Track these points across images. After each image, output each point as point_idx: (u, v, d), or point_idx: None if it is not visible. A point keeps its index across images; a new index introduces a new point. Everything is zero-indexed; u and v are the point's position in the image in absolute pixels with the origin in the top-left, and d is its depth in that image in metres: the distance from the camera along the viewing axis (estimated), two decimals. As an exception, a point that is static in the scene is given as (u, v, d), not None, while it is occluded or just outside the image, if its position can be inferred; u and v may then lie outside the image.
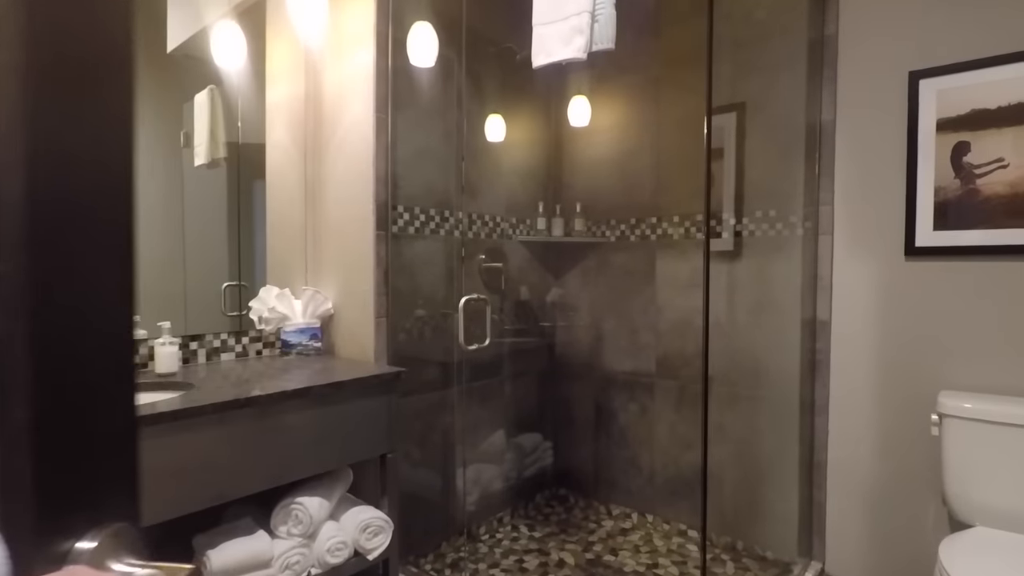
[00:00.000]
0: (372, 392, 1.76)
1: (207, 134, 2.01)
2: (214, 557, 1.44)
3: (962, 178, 1.79)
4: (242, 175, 2.07)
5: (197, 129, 1.98)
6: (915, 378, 1.89)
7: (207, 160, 2.01)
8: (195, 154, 1.98)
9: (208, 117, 2.02)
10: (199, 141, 2.00)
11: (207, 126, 2.02)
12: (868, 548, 2.01)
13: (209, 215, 2.01)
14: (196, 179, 1.97)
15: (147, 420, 1.27)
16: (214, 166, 2.02)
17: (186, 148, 1.96)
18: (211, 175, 2.01)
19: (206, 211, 2.00)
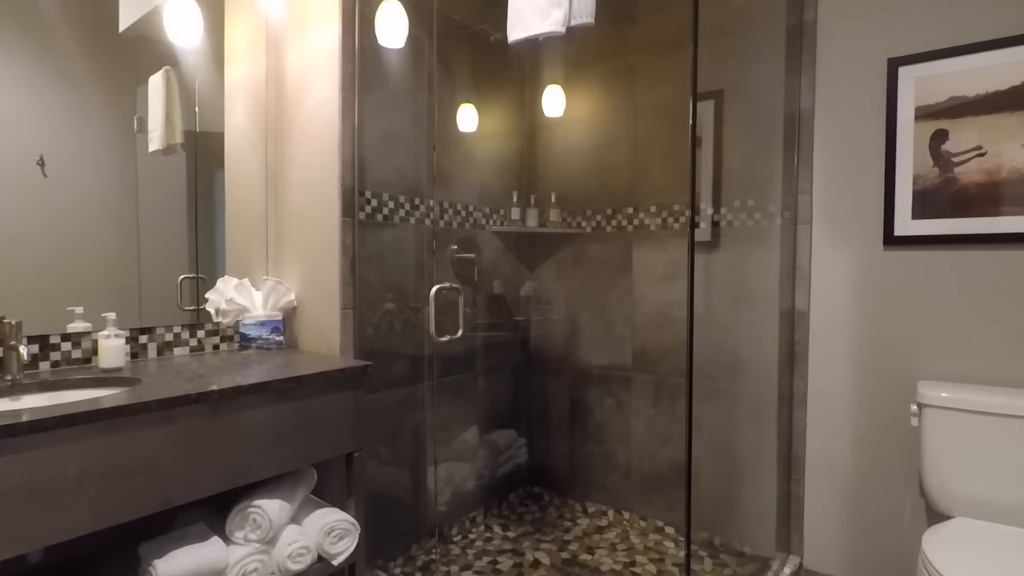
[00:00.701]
0: (337, 387, 1.65)
1: (162, 118, 1.88)
2: (161, 567, 1.32)
3: (940, 166, 1.77)
4: (200, 161, 1.94)
5: (152, 113, 1.86)
6: (893, 369, 1.87)
7: (162, 145, 1.88)
8: (149, 139, 1.86)
9: (163, 100, 1.89)
10: (154, 126, 1.88)
11: (162, 110, 1.89)
12: (846, 542, 1.98)
13: (165, 203, 1.88)
14: (151, 166, 1.84)
15: (85, 417, 1.15)
16: (170, 152, 1.90)
17: (140, 133, 1.83)
18: (167, 161, 1.88)
19: (161, 199, 1.88)
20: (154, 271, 1.85)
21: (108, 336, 1.59)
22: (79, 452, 1.16)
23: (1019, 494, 1.54)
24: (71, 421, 1.14)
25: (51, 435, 1.11)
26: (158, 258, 1.86)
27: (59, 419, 1.12)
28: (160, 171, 1.87)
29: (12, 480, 1.07)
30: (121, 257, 1.77)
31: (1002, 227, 1.68)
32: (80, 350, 1.65)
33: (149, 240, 1.83)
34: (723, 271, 2.19)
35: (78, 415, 1.15)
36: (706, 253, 2.22)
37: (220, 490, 1.39)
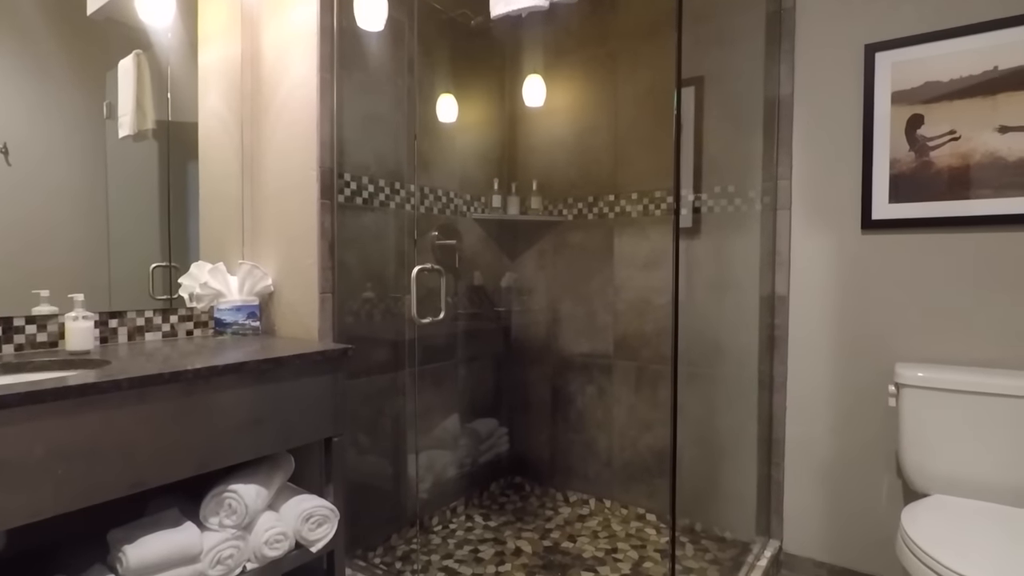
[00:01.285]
0: (316, 370, 1.62)
1: (133, 103, 1.83)
2: (131, 552, 1.27)
3: (916, 151, 1.80)
4: (172, 150, 1.89)
5: (122, 98, 1.81)
6: (871, 352, 1.90)
7: (133, 131, 1.83)
8: (120, 125, 1.80)
9: (134, 85, 1.84)
10: (124, 111, 1.83)
11: (133, 95, 1.84)
12: (825, 524, 2.00)
13: (135, 191, 1.83)
14: (121, 153, 1.78)
15: (51, 395, 1.11)
16: (141, 138, 1.84)
17: (109, 120, 1.78)
18: (138, 148, 1.83)
19: (132, 187, 1.82)
20: (124, 260, 1.79)
21: (76, 318, 1.54)
22: (45, 431, 1.11)
23: (992, 470, 1.56)
24: (37, 398, 1.09)
25: (15, 412, 1.07)
26: (128, 246, 1.80)
27: (23, 396, 1.07)
28: (131, 158, 1.82)
29: (-28, 458, 1.02)
30: (89, 246, 1.71)
31: (976, 210, 1.72)
32: (46, 333, 1.59)
33: (119, 228, 1.77)
34: (704, 257, 2.20)
35: (44, 392, 1.10)
36: (687, 239, 2.22)
37: (194, 473, 1.35)
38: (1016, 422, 1.54)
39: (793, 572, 2.06)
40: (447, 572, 1.97)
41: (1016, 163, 1.66)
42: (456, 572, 1.98)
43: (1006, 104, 1.67)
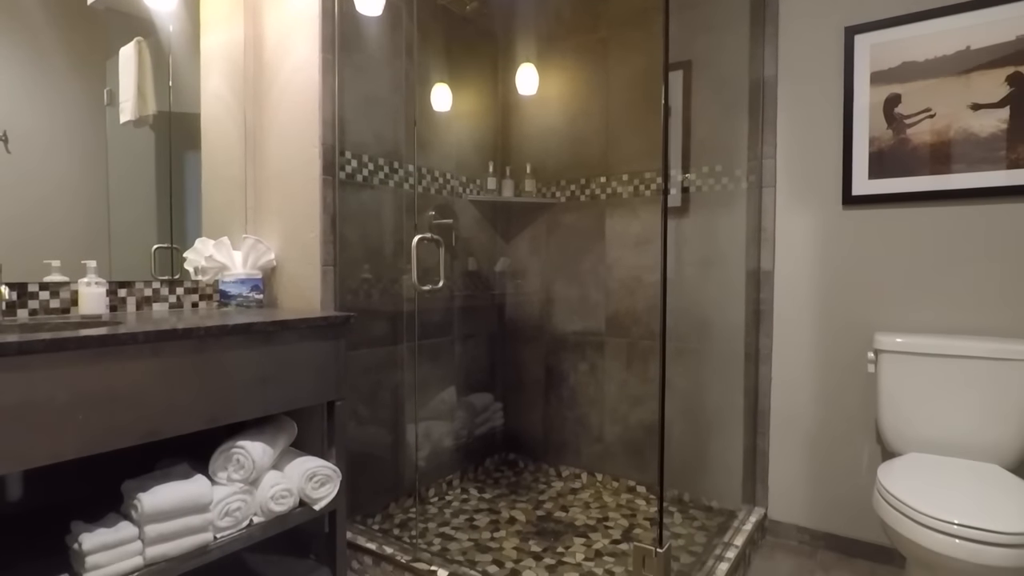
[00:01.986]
0: (320, 335, 1.68)
1: (134, 90, 1.88)
2: (145, 500, 1.33)
3: (894, 128, 1.88)
4: (173, 131, 1.94)
5: (123, 85, 1.85)
6: (852, 323, 1.98)
7: (135, 116, 1.87)
8: (121, 111, 1.84)
9: (135, 72, 1.89)
10: (125, 97, 1.88)
11: (134, 81, 1.89)
12: (808, 491, 2.08)
13: (136, 175, 1.87)
14: (122, 138, 1.83)
15: (74, 343, 1.17)
16: (142, 123, 1.89)
17: (110, 107, 1.83)
18: (139, 133, 1.88)
19: (133, 171, 1.86)
20: (125, 242, 1.83)
21: (89, 283, 1.60)
22: (67, 379, 1.17)
23: (964, 429, 1.65)
24: (60, 346, 1.16)
25: (40, 358, 1.13)
26: (130, 229, 1.84)
27: (48, 343, 1.14)
28: (132, 144, 1.85)
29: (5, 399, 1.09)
30: (90, 230, 1.74)
31: (950, 184, 1.80)
32: (58, 300, 1.65)
33: (120, 212, 1.82)
34: (692, 235, 2.28)
35: (67, 340, 1.17)
36: (676, 218, 2.30)
37: (205, 427, 1.42)
38: (985, 382, 1.62)
39: (777, 538, 2.14)
40: (444, 538, 2.04)
41: (988, 139, 1.75)
42: (452, 538, 2.04)
43: (978, 82, 1.75)
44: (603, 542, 2.02)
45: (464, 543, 2.00)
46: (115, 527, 1.31)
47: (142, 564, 1.33)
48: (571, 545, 1.99)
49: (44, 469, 1.48)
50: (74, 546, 1.28)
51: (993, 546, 1.21)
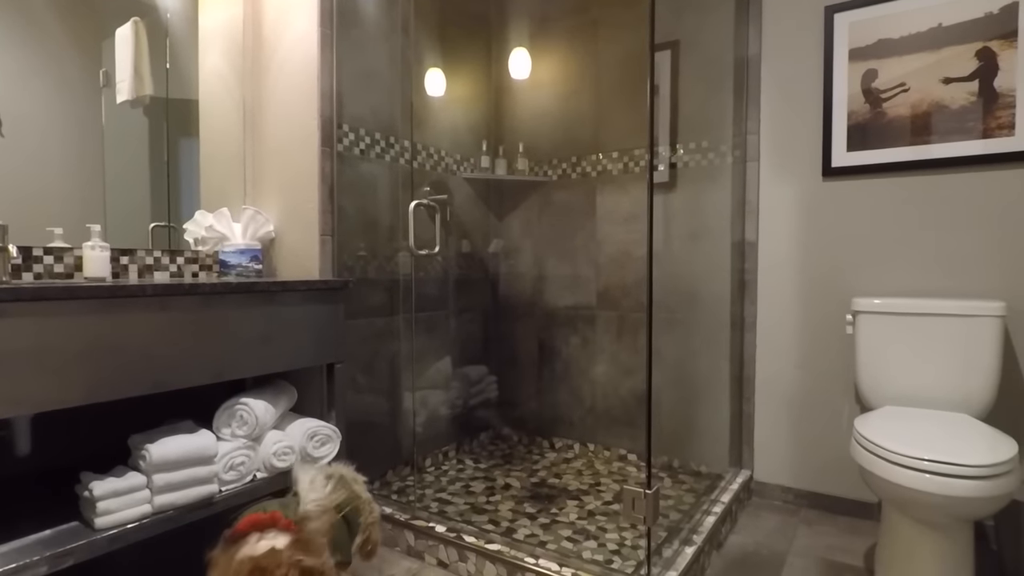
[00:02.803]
0: (320, 298, 1.73)
1: (131, 70, 1.90)
2: (153, 450, 1.38)
3: (871, 102, 1.97)
4: (171, 110, 1.97)
5: (119, 65, 1.87)
6: (832, 290, 2.06)
7: (131, 97, 1.89)
8: (117, 91, 1.86)
9: (132, 51, 1.92)
10: (122, 77, 1.90)
11: (131, 61, 1.91)
12: (792, 452, 2.16)
13: (134, 155, 1.88)
14: (119, 118, 1.84)
15: (86, 292, 1.22)
16: (139, 103, 1.91)
17: (106, 88, 1.86)
18: (136, 113, 1.89)
19: (130, 152, 1.87)
20: (123, 222, 1.84)
21: (93, 247, 1.63)
22: (79, 327, 1.21)
23: (934, 382, 1.73)
24: (72, 294, 1.20)
25: (53, 305, 1.17)
26: (127, 209, 1.85)
27: (61, 290, 1.18)
28: (129, 126, 1.86)
29: (17, 343, 1.13)
30: (87, 210, 1.75)
31: (924, 154, 1.89)
32: (62, 264, 1.68)
33: (117, 193, 1.83)
34: (680, 209, 2.35)
35: (79, 288, 1.21)
36: (664, 193, 2.37)
37: (210, 381, 1.46)
38: (955, 338, 1.71)
39: (763, 498, 2.22)
40: (440, 502, 2.09)
41: (958, 111, 1.83)
42: (449, 502, 2.10)
43: (949, 57, 1.84)
44: (595, 503, 2.08)
45: (461, 506, 2.05)
46: (124, 476, 1.36)
47: (151, 511, 1.37)
48: (564, 507, 2.06)
49: (53, 430, 1.52)
50: (84, 494, 1.32)
51: (961, 479, 1.29)
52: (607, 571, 1.50)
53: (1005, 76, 1.77)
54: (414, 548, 1.79)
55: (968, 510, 1.33)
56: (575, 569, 1.51)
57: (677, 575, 1.49)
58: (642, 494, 1.41)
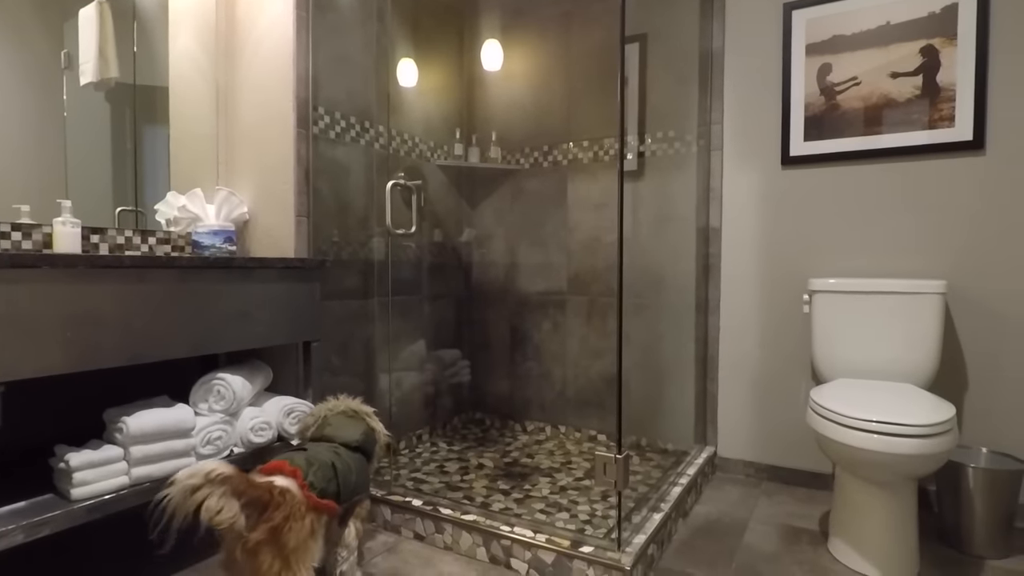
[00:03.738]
0: (296, 277, 1.75)
1: (95, 51, 1.85)
2: (131, 422, 1.38)
3: (826, 95, 2.08)
4: (139, 93, 1.93)
5: (83, 47, 1.83)
6: (790, 272, 2.17)
7: (96, 79, 1.85)
8: (81, 73, 1.81)
9: (96, 33, 1.88)
10: (86, 59, 1.86)
11: (95, 43, 1.88)
12: (753, 429, 2.26)
13: (96, 138, 1.84)
14: (82, 102, 1.80)
15: (63, 260, 1.22)
16: (104, 86, 1.88)
17: (68, 70, 1.82)
18: (101, 96, 1.85)
19: (93, 134, 1.83)
20: (87, 207, 1.79)
21: (64, 223, 1.62)
22: (56, 295, 1.21)
23: (883, 356, 1.85)
24: (49, 262, 1.20)
25: (30, 273, 1.17)
26: (91, 194, 1.81)
27: (38, 257, 1.18)
28: (92, 109, 1.83)
29: (-7, 308, 1.12)
30: (48, 196, 1.70)
31: (874, 144, 2.01)
32: (31, 241, 1.66)
33: (80, 178, 1.79)
34: (648, 196, 2.43)
35: (57, 257, 1.21)
36: (633, 181, 2.45)
37: (187, 355, 1.47)
38: (902, 315, 1.82)
39: (726, 473, 2.32)
40: (416, 481, 2.13)
41: (905, 103, 1.96)
42: (424, 480, 2.13)
43: (896, 53, 1.96)
44: (567, 480, 2.15)
45: (436, 484, 2.09)
46: (100, 449, 1.36)
47: (128, 483, 1.37)
48: (537, 483, 2.11)
49: (24, 409, 1.51)
50: (60, 465, 1.31)
51: (905, 437, 1.39)
52: (581, 536, 1.56)
53: (946, 72, 1.90)
54: (391, 523, 1.82)
55: (911, 467, 1.44)
56: (549, 535, 1.57)
57: (646, 537, 1.56)
58: (613, 459, 1.48)
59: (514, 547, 1.58)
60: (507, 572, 1.58)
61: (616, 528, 1.53)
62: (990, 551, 1.68)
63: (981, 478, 1.68)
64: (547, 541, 1.54)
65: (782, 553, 1.71)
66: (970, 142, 1.87)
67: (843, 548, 1.64)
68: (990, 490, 1.67)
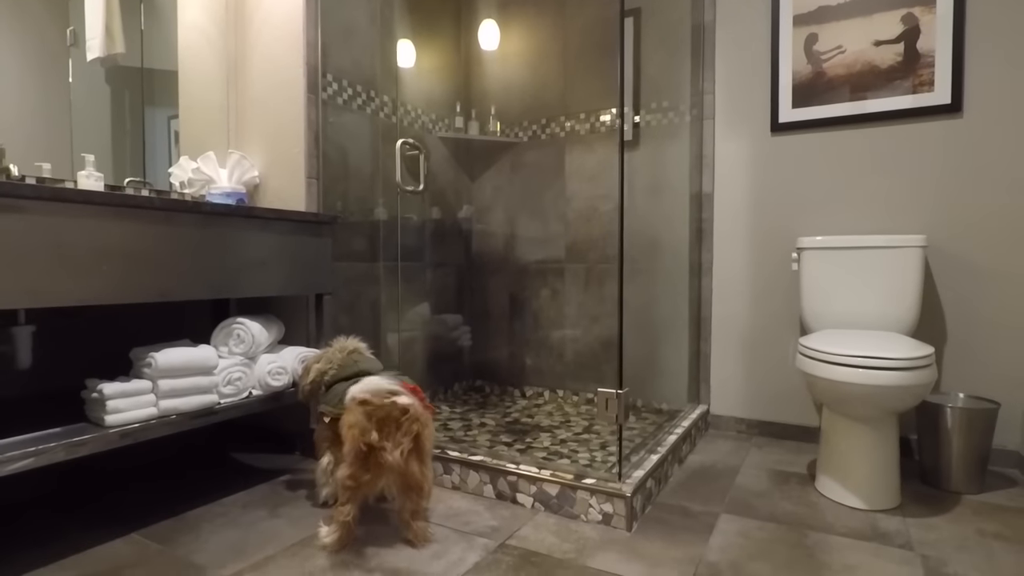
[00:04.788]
0: (311, 231, 1.83)
1: (102, 27, 1.89)
2: (159, 356, 1.46)
3: (812, 63, 2.18)
4: (147, 68, 1.98)
5: (89, 23, 1.87)
6: (779, 235, 2.27)
7: (103, 54, 1.90)
8: (88, 48, 1.86)
9: (103, 10, 1.94)
10: (92, 35, 1.91)
11: (102, 19, 1.93)
12: (744, 386, 2.37)
13: (104, 112, 1.88)
14: (88, 76, 1.85)
15: (100, 197, 1.29)
16: (110, 61, 1.92)
17: (74, 47, 1.87)
18: (105, 71, 1.90)
19: (100, 108, 1.87)
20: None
21: (88, 176, 1.69)
22: (93, 230, 1.29)
23: (868, 308, 1.95)
24: (87, 198, 1.27)
25: (70, 207, 1.24)
26: (100, 168, 1.83)
27: (77, 192, 1.25)
28: (98, 84, 1.87)
29: (37, 238, 1.20)
30: (61, 164, 1.74)
31: (858, 110, 2.11)
32: (55, 195, 1.73)
33: (85, 152, 1.80)
34: (642, 165, 2.53)
35: (95, 193, 1.28)
36: (629, 151, 2.55)
37: (209, 296, 1.54)
38: (885, 268, 1.93)
39: (718, 430, 2.42)
40: (421, 436, 2.21)
41: (887, 70, 2.07)
42: (429, 436, 2.21)
43: (880, 22, 2.07)
44: (567, 434, 2.24)
45: (440, 439, 2.17)
46: (131, 381, 1.43)
47: (156, 414, 1.45)
48: (537, 437, 2.20)
49: (53, 351, 1.58)
50: (93, 395, 1.39)
51: (887, 370, 1.50)
52: (583, 470, 1.65)
53: (926, 39, 2.00)
54: (400, 467, 1.90)
55: (894, 400, 1.54)
56: (553, 470, 1.66)
57: (645, 472, 1.65)
58: (615, 394, 1.57)
59: (520, 482, 1.67)
60: (513, 506, 1.67)
61: (617, 464, 1.62)
62: (967, 487, 1.79)
63: (959, 417, 1.78)
64: (551, 475, 1.63)
65: (772, 490, 1.80)
66: (948, 105, 1.98)
67: (829, 484, 1.74)
68: (967, 429, 1.78)
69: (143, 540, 1.45)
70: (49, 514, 1.60)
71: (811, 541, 1.47)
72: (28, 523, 1.54)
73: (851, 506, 1.68)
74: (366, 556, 1.37)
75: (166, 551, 1.40)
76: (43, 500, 1.69)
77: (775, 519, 1.60)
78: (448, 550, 1.41)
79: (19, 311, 1.49)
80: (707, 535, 1.50)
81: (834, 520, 1.59)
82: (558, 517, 1.60)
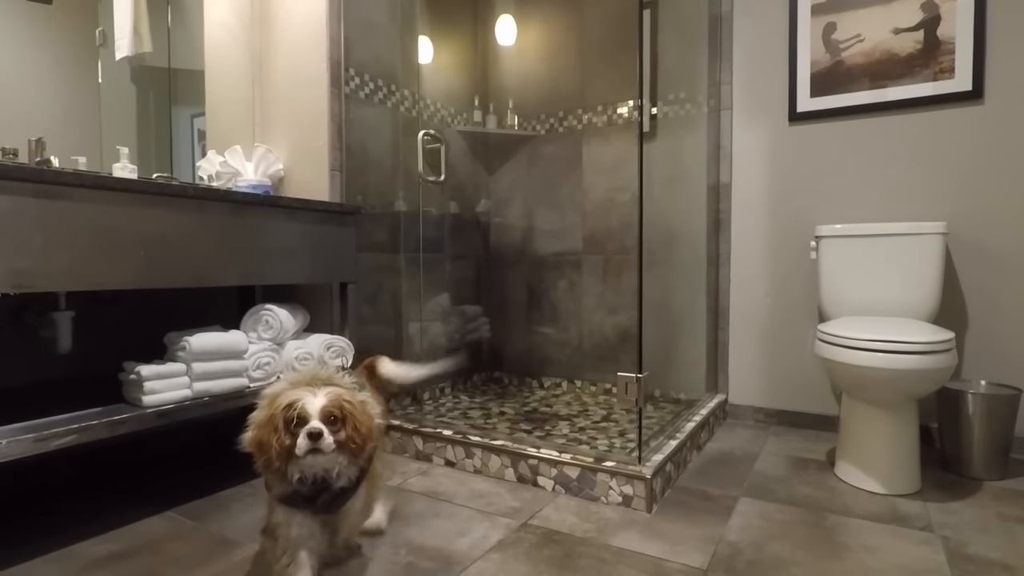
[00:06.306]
0: (336, 221, 1.87)
1: (130, 27, 1.95)
2: (193, 340, 1.51)
3: (831, 52, 2.18)
4: (174, 66, 2.03)
5: (118, 23, 1.92)
6: (797, 224, 2.28)
7: (131, 53, 1.95)
8: (116, 48, 1.92)
9: (131, 11, 2.00)
10: (121, 35, 1.97)
11: (130, 19, 1.99)
12: (763, 375, 2.37)
13: (131, 110, 1.93)
14: (116, 75, 1.90)
15: (139, 185, 1.34)
16: (138, 60, 1.97)
17: (103, 47, 1.93)
18: (134, 69, 1.95)
19: (128, 106, 1.92)
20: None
21: (123, 168, 1.75)
22: (131, 216, 1.34)
23: (887, 295, 1.95)
24: (126, 187, 1.33)
25: (110, 195, 1.30)
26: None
27: (116, 180, 1.31)
28: (125, 83, 1.92)
29: (79, 223, 1.25)
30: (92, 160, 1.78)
31: (877, 98, 2.11)
32: (91, 187, 1.79)
33: (113, 149, 1.84)
34: (660, 157, 2.54)
35: (133, 182, 1.34)
36: (646, 142, 2.56)
37: (239, 283, 1.60)
38: (904, 255, 1.93)
39: (736, 419, 2.43)
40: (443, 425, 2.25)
41: (906, 58, 2.06)
42: (450, 424, 2.25)
43: (899, 10, 2.07)
44: (585, 423, 2.26)
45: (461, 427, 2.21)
46: (166, 364, 1.48)
47: (191, 396, 1.50)
48: (556, 425, 2.23)
49: (90, 335, 1.64)
50: (131, 377, 1.44)
51: (907, 354, 1.50)
52: (603, 454, 1.67)
53: (946, 25, 2.00)
54: (422, 452, 1.94)
55: (914, 384, 1.54)
56: (574, 454, 1.69)
57: (664, 456, 1.67)
58: (635, 378, 1.59)
59: (540, 465, 1.70)
60: (534, 488, 1.70)
61: (637, 447, 1.64)
62: (988, 473, 1.79)
63: (980, 403, 1.78)
64: (572, 459, 1.66)
65: (791, 476, 1.82)
66: (969, 92, 1.97)
67: (849, 469, 1.75)
68: (989, 415, 1.78)
69: (178, 517, 1.51)
70: (89, 493, 1.66)
71: (830, 523, 1.48)
72: (69, 501, 1.61)
73: (871, 491, 1.69)
74: (391, 533, 1.41)
75: (200, 527, 1.45)
76: (82, 481, 1.76)
77: (794, 502, 1.61)
78: (472, 528, 1.45)
79: (60, 297, 1.55)
80: (726, 517, 1.52)
81: (853, 504, 1.60)
82: (579, 499, 1.62)
